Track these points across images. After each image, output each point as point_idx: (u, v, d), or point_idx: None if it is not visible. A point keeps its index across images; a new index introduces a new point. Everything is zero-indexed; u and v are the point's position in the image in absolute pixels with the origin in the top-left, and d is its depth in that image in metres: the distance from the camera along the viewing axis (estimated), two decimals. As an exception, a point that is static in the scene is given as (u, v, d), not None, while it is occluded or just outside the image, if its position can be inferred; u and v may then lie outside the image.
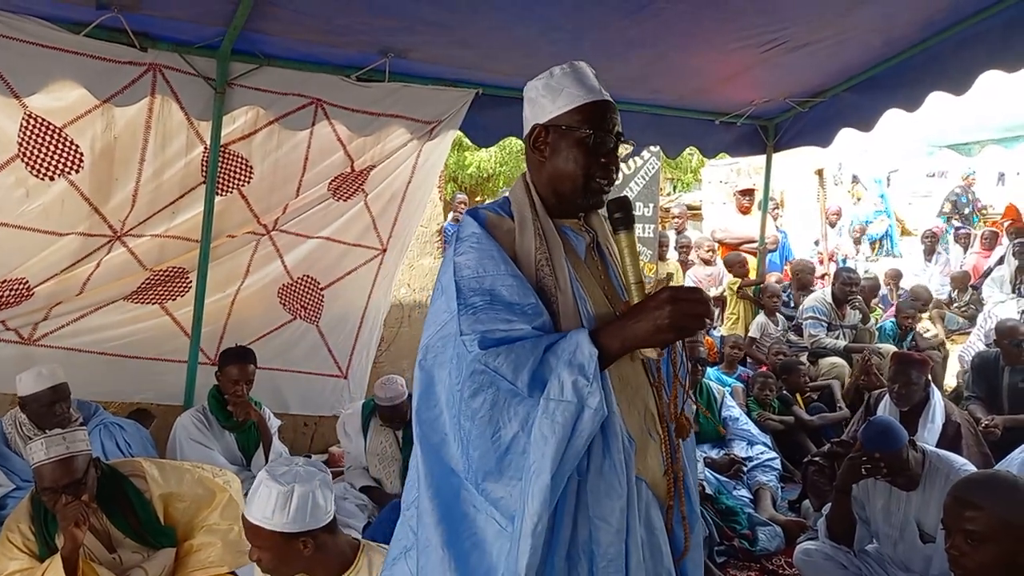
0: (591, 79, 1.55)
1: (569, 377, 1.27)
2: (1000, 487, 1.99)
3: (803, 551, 3.10)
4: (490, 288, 1.39)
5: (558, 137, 1.52)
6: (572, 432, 1.25)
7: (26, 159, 3.26)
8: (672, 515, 1.54)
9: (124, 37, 3.16)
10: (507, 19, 3.39)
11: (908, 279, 8.70)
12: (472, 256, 1.44)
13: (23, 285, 3.42)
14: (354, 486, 3.88)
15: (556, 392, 1.27)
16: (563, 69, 1.55)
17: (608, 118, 1.53)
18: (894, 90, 4.34)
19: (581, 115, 1.51)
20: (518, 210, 1.54)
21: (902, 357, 3.93)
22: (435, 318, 1.45)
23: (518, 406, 1.29)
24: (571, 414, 1.25)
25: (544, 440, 1.25)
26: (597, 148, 1.51)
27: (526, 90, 1.60)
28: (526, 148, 1.60)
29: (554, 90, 1.53)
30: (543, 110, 1.54)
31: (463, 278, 1.41)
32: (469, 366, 1.31)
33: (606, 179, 1.54)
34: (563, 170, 1.53)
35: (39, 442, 2.45)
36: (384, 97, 3.83)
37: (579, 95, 1.52)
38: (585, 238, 1.60)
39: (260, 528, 1.91)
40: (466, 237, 1.48)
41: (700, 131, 5.16)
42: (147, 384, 4.05)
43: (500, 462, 1.30)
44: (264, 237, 4.08)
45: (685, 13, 3.42)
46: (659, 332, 1.29)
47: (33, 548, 2.52)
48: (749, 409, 4.85)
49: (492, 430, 1.30)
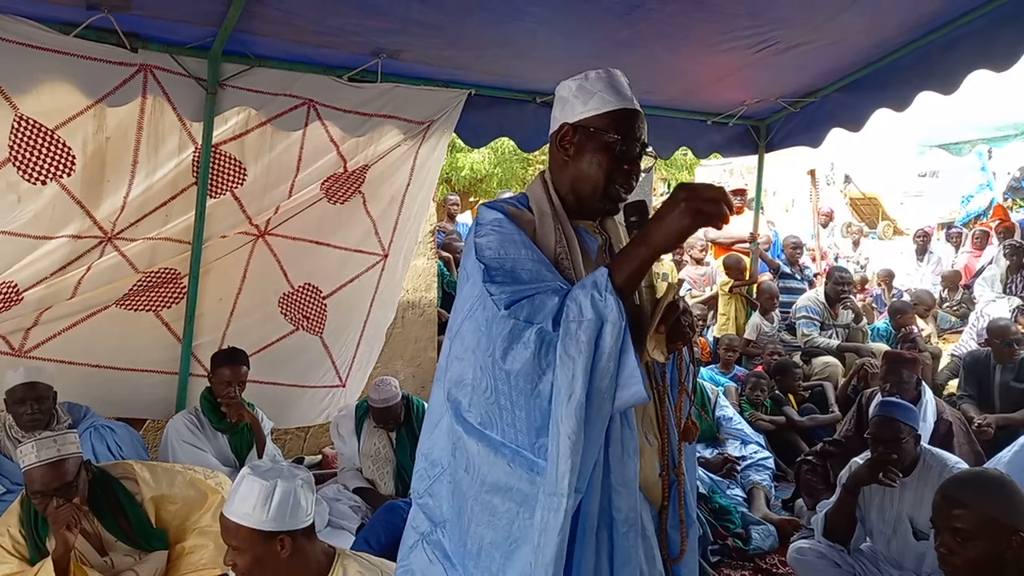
0: (624, 87, 1.57)
1: (585, 297, 1.27)
2: (987, 485, 2.01)
3: (797, 550, 3.11)
4: (511, 269, 1.40)
5: (585, 139, 1.54)
6: (596, 350, 1.25)
7: (17, 162, 3.23)
8: (667, 518, 1.55)
9: (114, 38, 3.15)
10: (498, 20, 3.39)
11: (900, 279, 8.75)
12: (494, 238, 1.45)
13: (11, 289, 3.39)
14: (348, 488, 3.88)
15: (575, 313, 1.27)
16: (598, 73, 1.56)
17: (636, 127, 1.54)
18: (883, 90, 4.37)
19: (610, 120, 1.52)
20: (537, 205, 1.56)
21: (893, 356, 3.96)
22: (462, 304, 1.46)
23: (549, 353, 1.29)
24: (593, 331, 1.25)
25: (571, 360, 1.24)
26: (623, 155, 1.52)
27: (559, 89, 1.61)
28: (551, 145, 1.61)
29: (587, 92, 1.54)
30: (573, 110, 1.55)
31: (486, 257, 1.43)
32: (499, 324, 1.32)
33: (626, 187, 1.56)
34: (585, 172, 1.54)
35: (29, 445, 2.44)
36: (376, 98, 3.83)
37: (611, 100, 1.53)
38: (598, 239, 1.61)
39: (239, 526, 1.89)
40: (487, 222, 1.49)
41: (692, 131, 5.18)
42: (140, 398, 4.00)
43: (547, 415, 1.29)
44: (259, 241, 4.06)
45: (675, 14, 3.43)
46: (677, 218, 1.26)
47: (23, 551, 2.51)
48: (741, 409, 4.86)
49: (531, 386, 1.30)
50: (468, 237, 1.52)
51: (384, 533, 3.06)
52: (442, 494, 1.48)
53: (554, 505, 1.25)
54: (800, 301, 6.21)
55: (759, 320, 6.24)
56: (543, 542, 1.26)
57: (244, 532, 1.89)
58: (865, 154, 12.33)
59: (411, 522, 1.57)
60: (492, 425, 1.36)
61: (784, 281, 6.92)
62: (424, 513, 1.53)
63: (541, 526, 1.26)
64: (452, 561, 1.44)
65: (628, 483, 1.39)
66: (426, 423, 1.58)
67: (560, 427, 1.24)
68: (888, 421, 2.88)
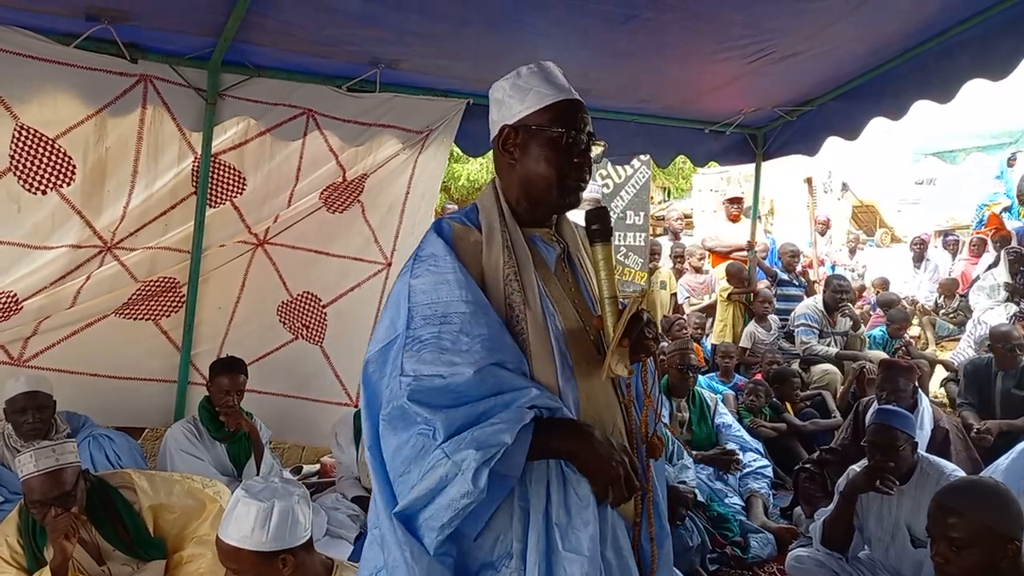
0: (560, 78, 1.50)
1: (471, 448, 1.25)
2: (981, 493, 2.02)
3: (795, 558, 3.10)
4: (443, 315, 1.35)
5: (528, 137, 1.46)
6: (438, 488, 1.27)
7: (18, 172, 3.25)
8: (640, 532, 1.51)
9: (114, 48, 3.17)
10: (495, 31, 3.42)
11: (897, 286, 8.76)
12: (428, 280, 1.38)
13: (11, 299, 3.40)
14: (346, 496, 3.87)
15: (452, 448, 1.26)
16: (530, 68, 1.49)
17: (579, 117, 1.47)
18: (880, 99, 4.40)
19: (551, 114, 1.45)
20: (486, 219, 1.48)
21: (889, 364, 3.96)
22: (380, 333, 1.42)
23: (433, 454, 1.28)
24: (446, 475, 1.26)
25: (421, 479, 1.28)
26: (570, 147, 1.45)
27: (492, 91, 1.54)
28: (494, 151, 1.53)
29: (522, 89, 1.47)
30: (511, 110, 1.48)
31: (416, 304, 1.37)
32: (398, 408, 1.31)
33: (580, 178, 1.48)
34: (535, 171, 1.46)
35: (28, 454, 2.44)
36: (375, 107, 3.86)
37: (548, 94, 1.46)
38: (556, 249, 1.55)
39: (239, 550, 1.86)
40: (425, 257, 1.42)
41: (690, 140, 5.20)
42: (139, 406, 4.00)
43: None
44: (258, 250, 4.08)
45: (672, 24, 3.45)
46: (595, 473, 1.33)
47: (21, 561, 2.50)
48: (740, 416, 4.86)
49: (403, 469, 1.31)
50: (407, 264, 1.46)
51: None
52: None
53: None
54: (798, 309, 6.21)
55: (754, 328, 6.25)
56: None
57: (245, 555, 1.86)
58: (862, 162, 12.37)
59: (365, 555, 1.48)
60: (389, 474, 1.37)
61: (782, 288, 6.93)
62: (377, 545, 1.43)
63: None
64: None
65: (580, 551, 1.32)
66: None
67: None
68: (885, 429, 2.89)
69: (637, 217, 8.14)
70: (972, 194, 11.01)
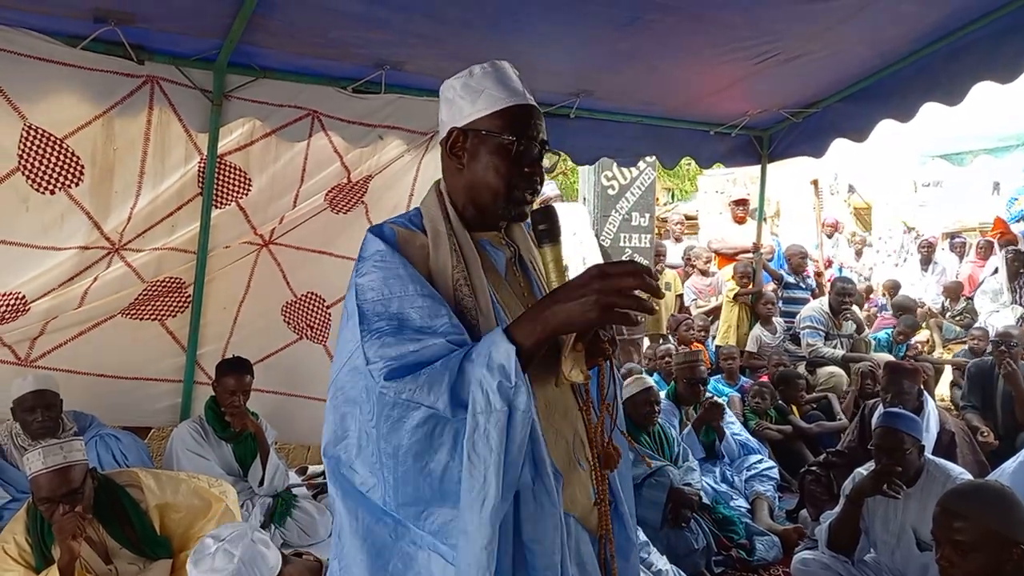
0: (514, 80, 1.41)
1: (492, 382, 1.13)
2: (987, 497, 2.01)
3: (801, 560, 3.10)
4: (397, 312, 1.26)
5: (478, 143, 1.37)
6: (507, 441, 1.13)
7: (26, 172, 3.27)
8: (604, 547, 1.43)
9: (121, 50, 3.18)
10: (500, 33, 3.42)
11: (903, 289, 8.74)
12: (376, 276, 1.30)
13: (19, 300, 3.41)
14: (350, 497, 3.88)
15: (482, 404, 1.13)
16: (484, 68, 1.40)
17: (533, 124, 1.38)
18: (887, 101, 4.39)
19: (503, 120, 1.36)
20: (431, 224, 1.40)
21: (894, 367, 3.96)
22: (343, 348, 1.31)
23: (443, 433, 1.17)
24: (504, 424, 1.13)
25: (483, 461, 1.13)
26: (520, 157, 1.37)
27: (443, 90, 1.45)
28: (441, 153, 1.45)
29: (474, 91, 1.38)
30: (461, 112, 1.39)
31: (366, 301, 1.28)
32: (380, 400, 1.19)
33: (530, 190, 1.40)
34: (482, 179, 1.38)
35: (36, 452, 2.46)
36: (380, 109, 3.86)
37: (501, 97, 1.37)
38: (505, 252, 1.47)
39: None
40: (369, 256, 1.33)
41: (695, 141, 5.20)
42: (145, 406, 4.02)
43: (438, 492, 1.20)
44: (263, 251, 4.09)
45: (676, 26, 3.45)
46: (584, 311, 1.13)
47: (29, 559, 2.52)
48: (746, 419, 4.86)
49: (420, 464, 1.18)
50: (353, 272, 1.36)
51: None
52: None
53: None
54: (804, 311, 6.20)
55: (760, 331, 6.24)
56: None
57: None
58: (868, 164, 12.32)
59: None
60: (375, 489, 1.25)
61: (788, 291, 6.92)
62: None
63: None
64: None
65: (543, 539, 1.26)
66: None
67: (474, 537, 1.13)
68: (891, 432, 2.88)
69: (642, 219, 8.14)
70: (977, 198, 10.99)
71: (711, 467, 4.30)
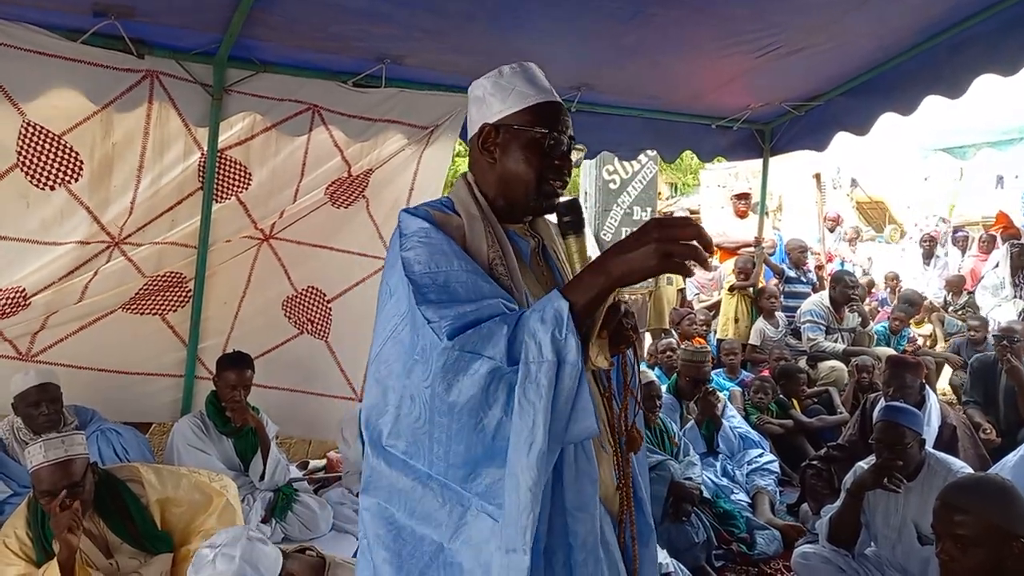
0: (542, 79, 1.49)
1: (545, 334, 1.17)
2: (987, 491, 2.00)
3: (801, 554, 3.09)
4: (444, 284, 1.30)
5: (509, 137, 1.44)
6: (555, 392, 1.17)
7: (25, 168, 3.27)
8: (624, 530, 1.47)
9: (121, 44, 3.18)
10: (501, 26, 3.41)
11: (906, 283, 8.73)
12: (422, 251, 1.33)
13: (20, 294, 3.42)
14: (352, 491, 3.88)
15: (534, 353, 1.17)
16: (512, 68, 1.48)
17: (561, 119, 1.46)
18: (889, 94, 4.37)
19: (533, 115, 1.44)
20: (464, 209, 1.46)
21: (896, 360, 3.95)
22: (384, 324, 1.36)
23: (498, 388, 1.20)
24: (553, 374, 1.16)
25: (532, 406, 1.16)
26: (552, 149, 1.44)
27: (472, 89, 1.52)
28: (471, 150, 1.52)
29: (504, 89, 1.46)
30: (491, 109, 1.46)
31: (415, 273, 1.31)
32: (441, 356, 1.21)
33: (559, 181, 1.47)
34: (513, 172, 1.45)
35: (38, 445, 2.46)
36: (381, 103, 3.85)
37: (531, 94, 1.45)
38: (531, 242, 1.53)
39: None
40: (412, 233, 1.37)
41: (697, 135, 5.18)
42: (146, 401, 4.02)
43: (489, 449, 1.22)
44: (264, 245, 4.08)
45: (678, 20, 3.44)
46: (644, 259, 1.16)
47: (30, 553, 2.53)
48: (747, 413, 4.86)
49: (475, 420, 1.22)
50: (391, 251, 1.40)
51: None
52: None
53: (515, 563, 1.17)
54: (805, 305, 6.19)
55: (763, 325, 6.23)
56: None
57: None
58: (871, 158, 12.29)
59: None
60: (419, 455, 1.29)
61: (790, 285, 6.91)
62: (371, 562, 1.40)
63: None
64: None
65: (585, 507, 1.32)
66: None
67: (520, 478, 1.16)
68: (892, 426, 2.87)
69: (644, 213, 8.12)
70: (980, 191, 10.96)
71: (712, 461, 4.30)
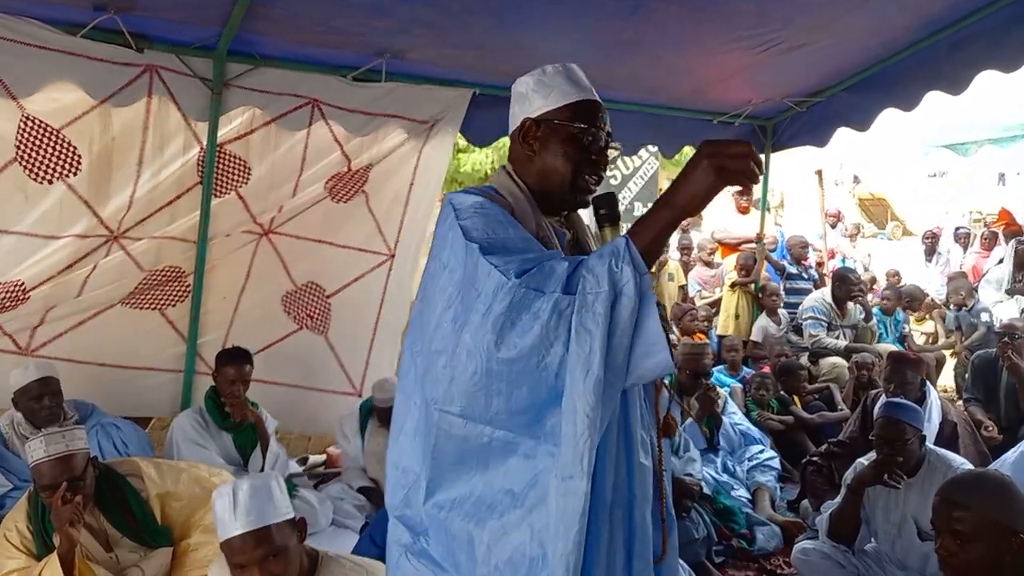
0: (583, 79, 1.56)
1: (602, 266, 1.21)
2: (986, 487, 2.00)
3: (801, 550, 3.09)
4: (503, 243, 1.34)
5: (550, 132, 1.51)
6: (611, 324, 1.19)
7: (24, 162, 3.27)
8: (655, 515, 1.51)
9: (120, 38, 3.18)
10: (502, 21, 3.40)
11: (908, 280, 8.72)
12: (479, 220, 1.37)
13: (19, 288, 3.42)
14: (352, 487, 3.89)
15: (592, 284, 1.20)
16: (555, 68, 1.55)
17: (600, 117, 1.53)
18: (891, 90, 4.36)
19: (573, 112, 1.50)
20: (510, 193, 1.52)
21: (897, 356, 3.94)
22: (440, 296, 1.37)
23: (559, 325, 1.22)
24: (609, 303, 1.19)
25: (588, 334, 1.18)
26: (590, 145, 1.50)
27: (515, 85, 1.59)
28: (512, 144, 1.57)
29: (546, 86, 1.53)
30: (532, 105, 1.53)
31: (475, 237, 1.34)
32: (507, 295, 1.24)
33: (595, 176, 1.53)
34: (552, 165, 1.51)
35: (38, 440, 2.45)
36: (381, 97, 3.85)
37: (572, 92, 1.52)
38: (567, 233, 1.59)
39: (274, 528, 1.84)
40: (468, 206, 1.41)
41: (698, 131, 5.16)
42: (145, 396, 4.02)
43: (553, 389, 1.24)
44: (263, 240, 4.08)
45: (679, 15, 3.43)
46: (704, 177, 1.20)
47: (31, 547, 2.52)
48: (748, 409, 4.85)
49: (537, 358, 1.23)
50: (442, 228, 1.42)
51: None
52: (419, 501, 1.42)
53: (572, 489, 1.21)
54: (806, 302, 6.18)
55: (766, 322, 6.21)
56: (562, 530, 1.22)
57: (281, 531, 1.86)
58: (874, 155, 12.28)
59: (391, 537, 1.50)
60: (475, 413, 1.31)
61: (791, 281, 6.90)
62: (404, 524, 1.47)
63: (558, 512, 1.22)
64: (442, 566, 1.40)
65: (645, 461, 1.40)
66: (392, 430, 1.52)
67: (578, 404, 1.20)
68: (892, 422, 2.87)
69: (645, 209, 8.09)
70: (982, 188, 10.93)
71: (712, 457, 4.30)
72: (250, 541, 1.83)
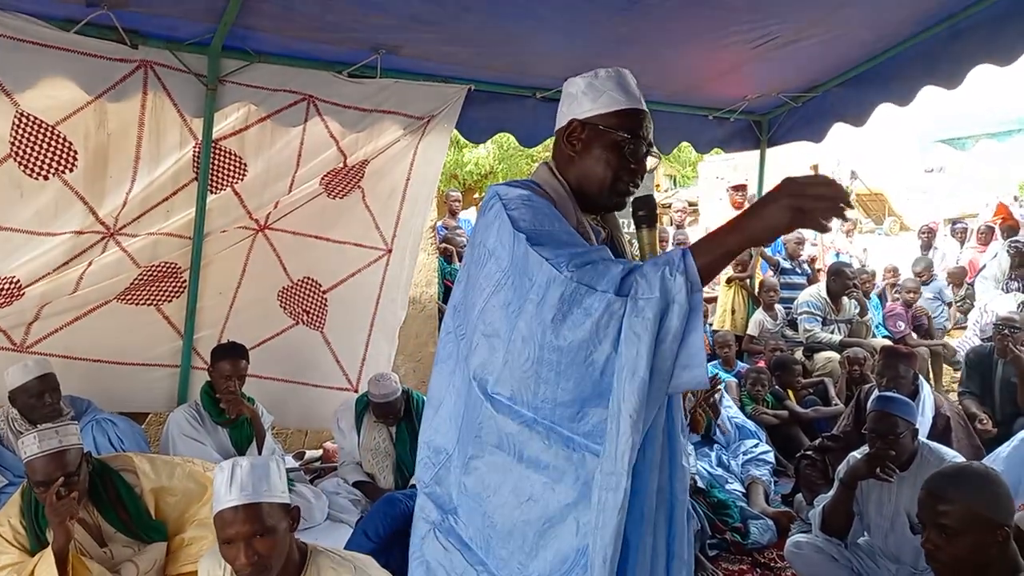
0: (634, 87, 1.58)
1: (655, 273, 1.23)
2: (971, 480, 2.01)
3: (794, 544, 3.11)
4: (550, 235, 1.37)
5: (593, 135, 1.55)
6: (659, 330, 1.21)
7: (19, 158, 3.26)
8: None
9: (114, 34, 3.17)
10: (498, 17, 3.40)
11: (905, 275, 8.72)
12: (526, 211, 1.41)
13: (14, 284, 3.42)
14: (347, 481, 3.90)
15: (644, 289, 1.22)
16: (608, 72, 1.57)
17: (644, 127, 1.56)
18: (886, 84, 4.35)
19: (619, 119, 1.54)
20: (552, 189, 1.55)
21: (890, 351, 3.96)
22: (486, 283, 1.40)
23: (609, 323, 1.24)
24: (658, 309, 1.21)
25: (637, 338, 1.21)
26: (631, 154, 1.54)
27: (567, 85, 1.62)
28: (557, 140, 1.61)
29: (597, 90, 1.55)
30: (581, 107, 1.56)
31: (522, 227, 1.37)
32: (559, 288, 1.27)
33: (632, 183, 1.58)
34: (592, 168, 1.55)
35: (32, 436, 2.46)
36: (376, 93, 3.84)
37: (621, 100, 1.54)
38: (601, 233, 1.63)
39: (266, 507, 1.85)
40: (515, 197, 1.44)
41: (694, 126, 5.17)
42: (141, 392, 4.02)
43: (597, 385, 1.27)
44: (259, 236, 4.08)
45: (674, 10, 3.42)
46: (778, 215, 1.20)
47: (24, 542, 2.53)
48: (743, 404, 4.87)
49: (585, 353, 1.26)
50: (486, 217, 1.46)
51: (382, 525, 3.07)
52: (450, 481, 1.46)
53: (612, 484, 1.24)
54: (801, 297, 6.19)
55: (762, 316, 6.23)
56: (601, 522, 1.25)
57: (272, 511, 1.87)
58: (870, 150, 12.27)
59: (420, 512, 1.55)
60: (524, 400, 1.34)
61: (785, 276, 6.90)
62: (433, 502, 1.52)
63: (599, 506, 1.26)
64: (470, 547, 1.43)
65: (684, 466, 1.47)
66: (426, 411, 1.57)
67: (622, 405, 1.23)
68: (885, 416, 2.88)
69: (643, 206, 8.10)
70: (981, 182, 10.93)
71: (707, 451, 4.31)
72: (240, 515, 1.84)
